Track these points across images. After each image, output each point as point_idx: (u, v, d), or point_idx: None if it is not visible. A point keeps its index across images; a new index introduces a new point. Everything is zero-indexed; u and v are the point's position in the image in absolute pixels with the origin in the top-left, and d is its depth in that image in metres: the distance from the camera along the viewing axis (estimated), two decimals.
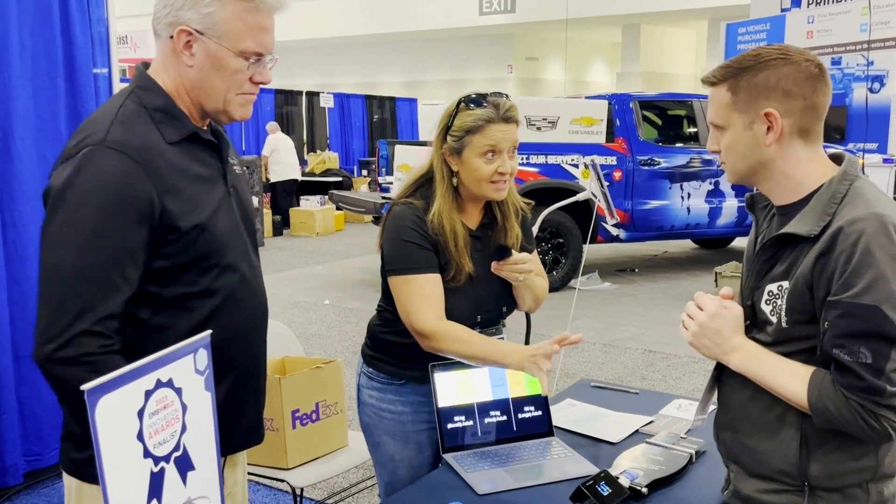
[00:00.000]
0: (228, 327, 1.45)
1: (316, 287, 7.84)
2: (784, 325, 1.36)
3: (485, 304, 1.93)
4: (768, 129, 1.34)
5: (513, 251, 1.90)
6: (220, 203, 1.46)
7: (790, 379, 1.34)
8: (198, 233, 1.39)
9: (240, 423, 1.53)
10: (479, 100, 1.83)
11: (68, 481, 1.44)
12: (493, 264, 1.89)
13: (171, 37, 1.39)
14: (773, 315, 1.38)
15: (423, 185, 1.93)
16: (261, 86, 1.46)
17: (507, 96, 1.87)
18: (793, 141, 1.36)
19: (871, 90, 10.96)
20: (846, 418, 1.28)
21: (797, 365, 1.35)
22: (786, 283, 1.36)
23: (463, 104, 1.84)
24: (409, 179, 1.97)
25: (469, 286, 1.89)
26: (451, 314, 1.85)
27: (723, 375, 1.51)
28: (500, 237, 1.94)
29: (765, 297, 1.40)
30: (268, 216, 11.01)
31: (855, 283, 1.24)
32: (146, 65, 1.46)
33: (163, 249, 1.36)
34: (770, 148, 1.36)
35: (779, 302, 1.37)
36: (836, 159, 1.41)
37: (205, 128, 1.48)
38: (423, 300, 1.82)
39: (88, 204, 1.30)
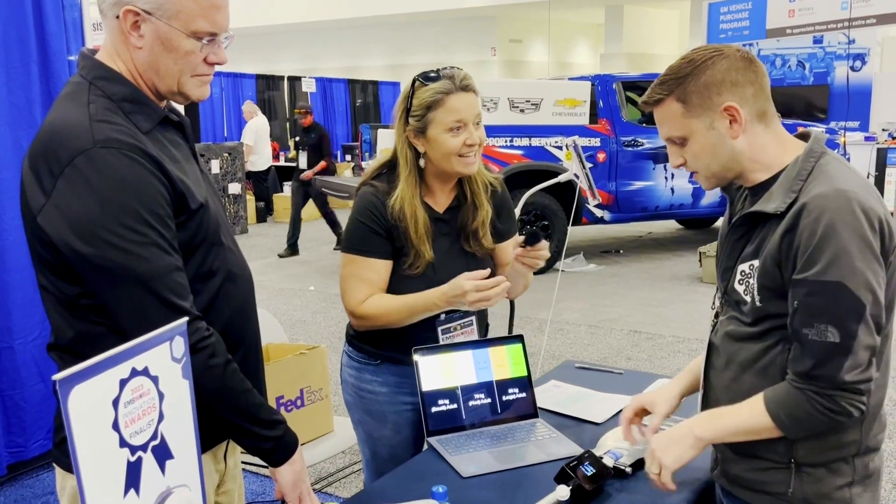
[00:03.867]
0: (233, 302, 1.45)
1: (301, 273, 7.81)
2: (758, 303, 1.36)
3: None
4: (731, 122, 1.35)
5: (542, 237, 1.86)
6: (203, 181, 1.45)
7: (750, 411, 1.36)
8: (203, 212, 1.38)
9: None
10: (433, 75, 1.83)
11: (73, 481, 1.40)
12: (520, 250, 1.84)
13: (118, 17, 1.31)
14: (746, 294, 1.39)
15: (388, 171, 1.92)
16: (216, 66, 1.40)
17: (459, 69, 1.87)
18: (755, 127, 1.37)
19: (852, 68, 11.01)
20: (808, 411, 1.30)
21: (750, 399, 1.37)
22: (756, 262, 1.37)
23: (419, 82, 1.83)
24: (374, 164, 1.97)
25: (431, 272, 1.89)
26: None
27: (708, 358, 1.51)
28: (470, 216, 1.93)
29: (737, 276, 1.41)
30: (251, 203, 10.94)
31: (818, 259, 1.25)
32: (92, 51, 1.39)
33: (179, 234, 1.34)
34: (738, 140, 1.37)
35: (751, 281, 1.37)
36: (804, 137, 1.41)
37: (163, 107, 1.43)
38: (358, 282, 1.87)
39: (120, 208, 1.24)
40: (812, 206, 1.26)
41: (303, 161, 8.76)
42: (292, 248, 8.71)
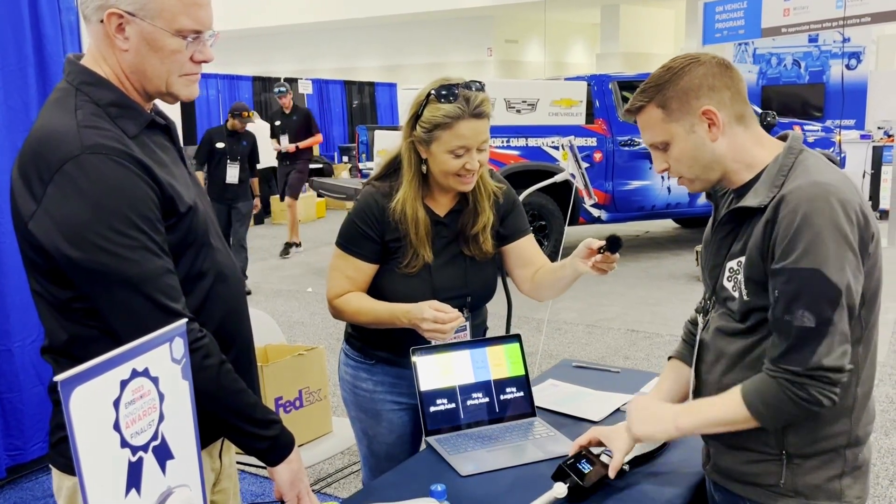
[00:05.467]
0: (224, 303, 1.46)
1: (298, 275, 7.81)
2: (745, 297, 1.39)
3: (443, 292, 1.91)
4: (710, 125, 1.39)
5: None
6: (191, 183, 1.46)
7: (728, 403, 1.39)
8: (192, 214, 1.38)
9: None
10: (449, 94, 1.80)
11: (70, 482, 1.41)
12: (598, 256, 1.81)
13: (102, 21, 1.32)
14: (734, 290, 1.42)
15: (394, 170, 1.93)
16: (203, 64, 1.40)
17: (480, 86, 1.84)
18: (734, 129, 1.41)
19: (847, 67, 11.04)
20: (782, 399, 1.32)
21: (729, 391, 1.40)
22: (743, 258, 1.40)
23: (433, 96, 1.81)
24: (384, 161, 1.98)
25: (426, 272, 1.90)
26: (406, 298, 1.86)
27: (699, 355, 1.53)
28: (470, 220, 1.94)
29: (726, 274, 1.45)
30: None
31: (795, 248, 1.28)
32: (78, 56, 1.39)
33: (168, 236, 1.35)
34: (717, 142, 1.40)
35: (739, 277, 1.40)
36: (784, 139, 1.46)
37: (150, 110, 1.44)
38: (341, 277, 1.93)
39: (110, 213, 1.25)
40: (790, 198, 1.30)
41: (233, 174, 6.98)
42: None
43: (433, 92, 1.81)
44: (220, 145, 6.98)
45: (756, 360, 1.40)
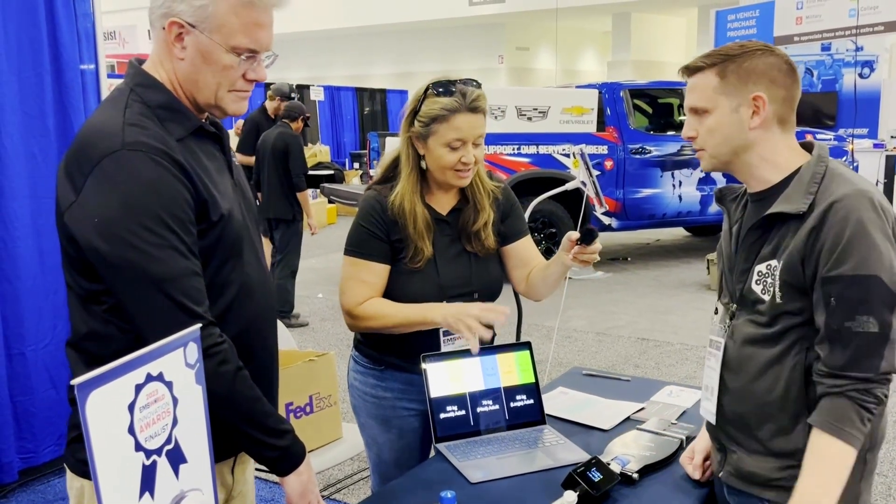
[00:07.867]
0: (245, 318, 1.46)
1: (309, 280, 7.83)
2: (778, 300, 1.40)
3: (450, 289, 1.92)
4: (753, 113, 1.41)
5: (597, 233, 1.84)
6: (233, 194, 1.46)
7: (827, 456, 1.33)
8: (224, 223, 1.39)
9: None
10: (446, 88, 1.84)
11: (78, 483, 1.43)
12: (576, 248, 1.81)
13: (164, 28, 1.36)
14: (764, 294, 1.43)
15: (394, 172, 1.96)
16: (255, 82, 1.43)
17: (477, 84, 1.88)
18: (772, 127, 1.43)
19: (860, 76, 10.99)
20: (857, 410, 1.30)
21: (812, 447, 1.34)
22: (774, 262, 1.41)
23: (431, 90, 1.85)
24: (383, 164, 2.00)
25: (433, 269, 1.91)
26: (414, 296, 1.88)
27: (724, 360, 1.53)
28: (471, 217, 1.96)
29: (755, 277, 1.45)
30: None
31: (851, 255, 1.30)
32: (140, 60, 1.43)
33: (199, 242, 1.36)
34: (753, 132, 1.42)
35: (769, 280, 1.42)
36: (806, 147, 1.48)
37: (204, 120, 1.46)
38: (357, 284, 1.91)
39: (141, 210, 1.26)
40: (839, 206, 1.32)
41: None
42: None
43: (431, 87, 1.85)
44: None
45: (781, 372, 1.41)
